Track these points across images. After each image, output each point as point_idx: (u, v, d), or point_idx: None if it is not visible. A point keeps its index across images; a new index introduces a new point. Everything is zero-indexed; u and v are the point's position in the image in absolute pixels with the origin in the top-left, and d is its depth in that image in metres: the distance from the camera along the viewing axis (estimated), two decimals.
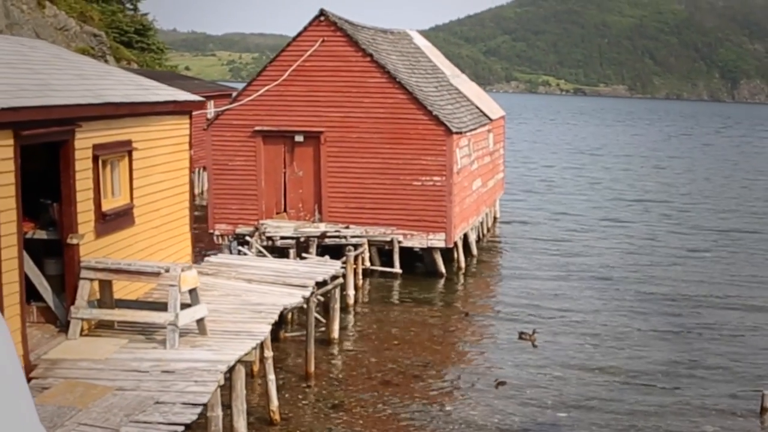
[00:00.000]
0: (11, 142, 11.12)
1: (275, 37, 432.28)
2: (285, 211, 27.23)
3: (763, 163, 73.56)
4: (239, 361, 12.50)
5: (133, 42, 57.56)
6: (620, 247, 33.09)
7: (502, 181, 37.80)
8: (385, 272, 26.45)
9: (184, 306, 12.82)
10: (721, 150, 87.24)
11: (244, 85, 28.22)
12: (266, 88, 25.63)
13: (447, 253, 27.26)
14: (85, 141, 13.09)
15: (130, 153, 14.67)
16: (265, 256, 22.72)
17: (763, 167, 68.98)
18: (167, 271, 12.67)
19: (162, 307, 13.56)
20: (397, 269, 26.22)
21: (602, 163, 68.60)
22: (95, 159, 13.46)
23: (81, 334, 12.94)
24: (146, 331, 13.32)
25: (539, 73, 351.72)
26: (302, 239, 24.91)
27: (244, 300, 15.46)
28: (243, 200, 27.21)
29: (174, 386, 11.05)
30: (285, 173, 27.13)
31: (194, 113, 17.83)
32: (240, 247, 23.71)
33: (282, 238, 25.02)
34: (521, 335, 20.89)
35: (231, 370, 12.39)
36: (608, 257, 31.04)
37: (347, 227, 26.03)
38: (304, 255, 23.13)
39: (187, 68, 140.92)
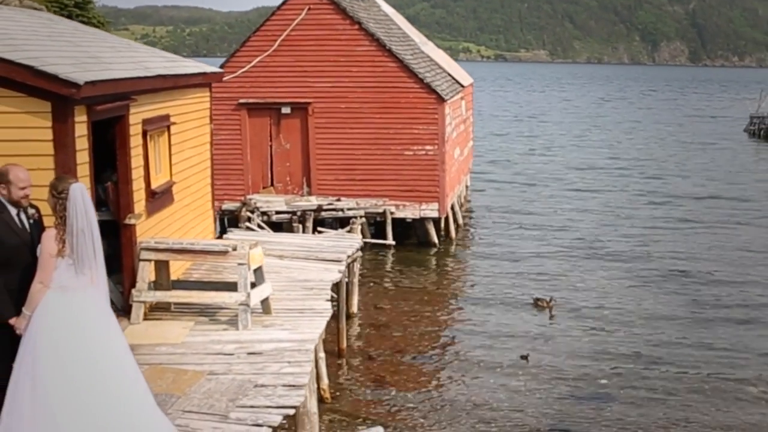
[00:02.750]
0: (85, 118, 10.51)
1: (189, 9, 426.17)
2: (272, 185, 26.69)
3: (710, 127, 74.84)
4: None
5: (74, 15, 55.77)
6: (595, 214, 33.16)
7: (472, 149, 37.67)
8: (378, 244, 26.10)
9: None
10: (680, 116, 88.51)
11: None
12: (258, 59, 25.00)
13: (435, 223, 26.99)
14: (136, 116, 12.49)
15: (168, 128, 14.08)
16: (266, 231, 22.23)
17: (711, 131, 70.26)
18: (235, 249, 12.16)
19: (222, 286, 13.12)
20: (390, 241, 25.87)
21: (554, 129, 69.11)
22: (144, 134, 12.86)
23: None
24: (206, 313, 12.82)
25: (459, 39, 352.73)
26: (298, 213, 24.44)
27: (288, 277, 14.99)
28: (228, 175, 26.49)
29: (267, 368, 10.60)
30: (271, 146, 26.57)
31: None
32: (248, 223, 23.16)
33: (277, 212, 24.53)
34: (537, 302, 20.70)
35: None
36: (587, 224, 31.07)
37: (338, 200, 25.59)
38: (320, 229, 22.68)
39: None
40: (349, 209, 24.95)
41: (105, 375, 8.21)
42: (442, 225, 27.69)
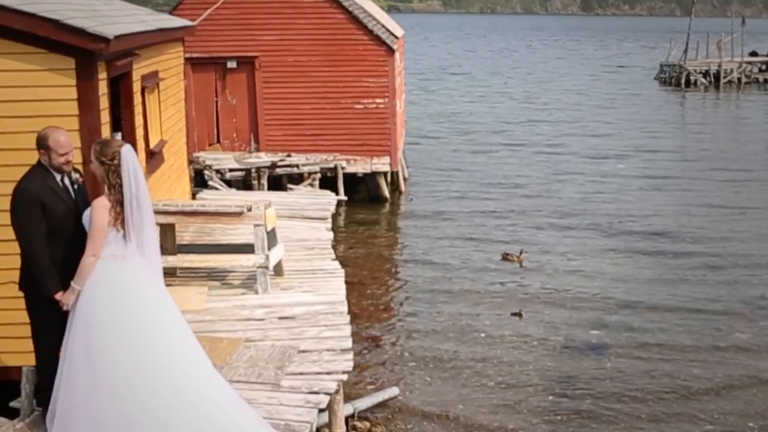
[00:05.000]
0: (105, 75, 9.89)
1: None
2: (218, 141, 25.99)
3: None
4: None
5: None
6: (535, 171, 33.13)
7: (405, 102, 37.33)
8: None
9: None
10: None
11: None
12: (207, 12, 24.08)
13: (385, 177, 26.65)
14: (137, 72, 11.86)
15: (158, 84, 13.45)
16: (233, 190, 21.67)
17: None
18: (250, 210, 11.69)
19: (229, 249, 12.68)
20: (342, 196, 25.41)
21: (470, 82, 69.30)
22: (143, 91, 12.24)
23: None
24: (214, 277, 12.37)
25: None
26: (253, 170, 23.84)
27: (282, 236, 14.38)
28: None
29: (305, 333, 10.24)
30: (217, 102, 25.83)
31: None
32: (211, 182, 22.50)
33: (231, 170, 23.89)
34: (506, 256, 20.54)
35: None
36: (527, 180, 30.97)
37: (289, 155, 25.04)
38: (291, 186, 22.14)
39: None
40: (303, 165, 24.42)
41: (164, 344, 7.75)
42: (389, 179, 27.35)
